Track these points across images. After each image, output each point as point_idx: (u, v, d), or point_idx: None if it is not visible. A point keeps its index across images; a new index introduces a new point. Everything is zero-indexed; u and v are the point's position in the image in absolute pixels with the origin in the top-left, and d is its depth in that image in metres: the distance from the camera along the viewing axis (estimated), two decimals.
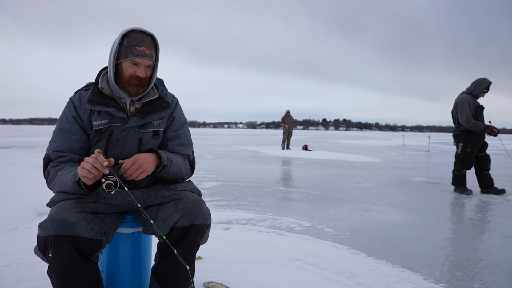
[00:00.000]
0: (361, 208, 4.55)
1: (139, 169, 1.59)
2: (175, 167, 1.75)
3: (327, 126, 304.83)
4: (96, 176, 1.47)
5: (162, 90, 1.90)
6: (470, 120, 5.59)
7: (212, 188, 5.87)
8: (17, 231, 3.31)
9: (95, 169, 1.46)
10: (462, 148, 5.80)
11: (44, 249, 1.47)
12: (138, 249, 1.90)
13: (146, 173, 1.62)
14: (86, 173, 1.45)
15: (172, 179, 1.80)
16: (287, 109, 16.61)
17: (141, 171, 1.59)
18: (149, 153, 1.70)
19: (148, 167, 1.62)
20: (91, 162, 1.46)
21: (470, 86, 5.88)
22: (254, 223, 3.73)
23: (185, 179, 1.89)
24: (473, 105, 5.69)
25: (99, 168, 1.46)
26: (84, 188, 1.55)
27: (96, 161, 1.46)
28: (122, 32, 1.70)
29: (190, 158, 1.93)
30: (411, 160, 12.00)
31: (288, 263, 2.62)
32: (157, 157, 1.69)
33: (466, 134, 5.76)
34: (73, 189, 1.57)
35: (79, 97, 1.78)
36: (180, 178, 1.83)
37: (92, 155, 1.49)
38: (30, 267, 2.44)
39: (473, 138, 5.70)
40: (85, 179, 1.48)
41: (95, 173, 1.46)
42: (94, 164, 1.45)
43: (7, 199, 4.65)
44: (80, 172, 1.47)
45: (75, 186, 1.55)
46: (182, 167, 1.82)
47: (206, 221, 1.68)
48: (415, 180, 7.29)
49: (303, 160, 11.35)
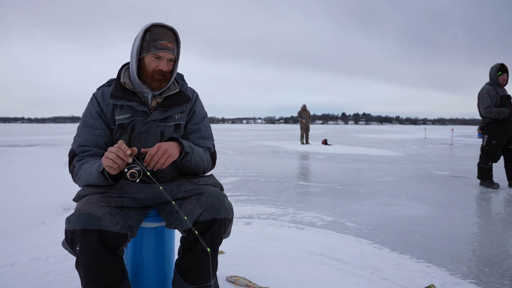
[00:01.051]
0: (383, 202, 4.49)
1: (165, 154, 1.58)
2: (197, 156, 1.76)
3: (346, 120, 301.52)
4: (120, 165, 1.49)
5: (183, 84, 1.92)
6: (490, 110, 5.42)
7: (233, 183, 5.90)
8: (45, 225, 3.41)
9: (119, 159, 1.47)
10: (487, 140, 5.63)
11: (71, 242, 1.51)
12: (161, 243, 1.93)
13: (172, 158, 1.61)
14: (111, 162, 1.47)
15: (194, 169, 1.79)
16: (304, 103, 16.50)
17: (167, 156, 1.59)
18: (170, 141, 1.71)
19: (173, 152, 1.62)
20: (115, 151, 1.47)
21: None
22: (275, 218, 3.73)
23: (206, 171, 1.90)
24: (495, 95, 5.50)
25: (123, 157, 1.47)
26: (108, 178, 1.57)
27: (120, 150, 1.47)
28: (144, 27, 1.72)
29: (211, 150, 1.94)
30: (434, 154, 11.74)
31: (310, 258, 2.61)
32: (179, 144, 1.70)
33: (491, 125, 5.58)
34: (98, 180, 1.59)
35: (102, 93, 1.81)
36: (201, 169, 1.83)
37: (115, 145, 1.51)
38: (58, 260, 2.51)
39: (499, 130, 5.52)
40: (109, 169, 1.50)
41: (119, 162, 1.48)
42: (117, 153, 1.47)
43: (35, 195, 4.80)
44: (104, 162, 1.49)
45: (100, 176, 1.57)
46: (204, 157, 1.83)
47: (229, 215, 1.69)
48: (438, 173, 7.13)
49: (323, 154, 11.27)
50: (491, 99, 5.47)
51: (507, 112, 5.40)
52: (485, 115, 5.53)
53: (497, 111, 5.40)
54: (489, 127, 5.62)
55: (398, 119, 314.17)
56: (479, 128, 6.02)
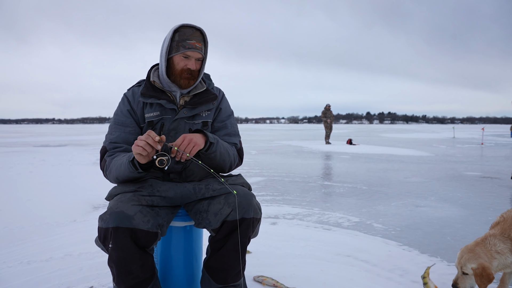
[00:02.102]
0: (411, 204, 4.39)
1: (190, 143, 1.62)
2: (222, 148, 1.78)
3: (371, 120, 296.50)
4: (149, 153, 1.53)
5: (209, 83, 1.96)
6: None
7: (258, 183, 5.91)
8: (76, 223, 3.52)
9: (148, 146, 1.52)
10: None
11: (104, 240, 1.55)
12: (190, 242, 1.95)
13: (198, 147, 1.64)
14: (141, 150, 1.51)
15: (220, 162, 1.80)
16: (328, 103, 16.35)
17: (193, 145, 1.62)
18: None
19: (198, 141, 1.65)
20: (144, 138, 1.52)
21: None
22: (301, 218, 3.71)
23: (233, 166, 1.91)
24: None
25: (152, 143, 1.51)
26: (138, 167, 1.61)
27: (149, 137, 1.52)
28: (173, 28, 1.77)
29: (237, 146, 1.95)
30: (463, 154, 11.38)
31: (337, 259, 2.58)
32: (204, 135, 1.72)
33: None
34: (128, 170, 1.63)
35: (132, 92, 1.88)
36: (228, 163, 1.84)
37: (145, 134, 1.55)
38: (90, 257, 2.58)
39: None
40: (139, 157, 1.54)
41: (148, 149, 1.52)
42: (147, 140, 1.51)
43: (66, 194, 4.96)
44: (134, 149, 1.54)
45: (130, 166, 1.61)
46: (229, 150, 1.84)
47: (257, 215, 1.69)
48: (469, 174, 6.91)
49: (348, 154, 11.13)
50: None
51: None
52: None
53: None
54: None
55: (425, 118, 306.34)
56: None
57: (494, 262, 1.80)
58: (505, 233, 1.86)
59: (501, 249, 1.82)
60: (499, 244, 1.83)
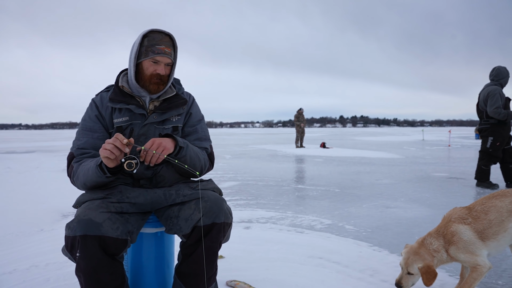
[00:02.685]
0: (381, 205, 4.50)
1: (160, 147, 1.61)
2: (192, 152, 1.77)
3: (344, 123, 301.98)
4: (117, 156, 1.51)
5: (179, 88, 1.96)
6: (500, 111, 5.41)
7: (231, 187, 5.90)
8: (44, 232, 3.41)
9: (116, 149, 1.50)
10: (492, 142, 5.59)
11: (71, 248, 1.51)
12: (161, 249, 1.93)
13: (167, 151, 1.63)
14: (108, 153, 1.49)
15: (190, 166, 1.80)
16: (301, 107, 16.52)
17: (162, 149, 1.62)
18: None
19: (167, 145, 1.64)
20: (112, 141, 1.50)
21: (494, 76, 5.68)
22: (274, 222, 3.73)
23: (204, 170, 1.91)
24: (503, 97, 5.54)
25: (120, 146, 1.49)
26: (106, 172, 1.58)
27: (117, 140, 1.50)
28: (142, 33, 1.77)
29: (208, 151, 1.95)
30: (432, 156, 11.77)
31: (310, 261, 2.61)
32: (173, 140, 1.72)
33: (496, 127, 5.58)
34: (96, 175, 1.60)
35: (101, 98, 1.85)
36: (199, 167, 1.84)
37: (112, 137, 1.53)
38: (58, 267, 2.51)
39: (503, 132, 5.55)
40: (107, 161, 1.51)
41: (116, 152, 1.50)
42: (114, 143, 1.49)
43: (33, 202, 4.79)
44: (101, 153, 1.51)
45: (98, 171, 1.59)
46: (200, 155, 1.84)
47: (228, 220, 1.69)
48: (436, 175, 7.15)
49: (321, 157, 11.29)
50: (501, 100, 5.48)
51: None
52: (494, 115, 5.48)
53: (506, 113, 5.40)
54: (494, 128, 5.60)
55: (396, 121, 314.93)
56: (476, 129, 6.01)
57: (434, 260, 1.91)
58: (439, 231, 1.97)
59: (436, 247, 1.93)
60: (434, 242, 1.94)
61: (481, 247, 1.87)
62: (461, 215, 1.96)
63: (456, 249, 1.88)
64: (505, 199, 1.94)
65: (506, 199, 1.93)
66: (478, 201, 2.01)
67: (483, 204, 1.96)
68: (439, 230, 1.97)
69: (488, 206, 1.93)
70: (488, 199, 1.97)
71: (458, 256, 1.88)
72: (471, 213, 1.94)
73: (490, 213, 1.90)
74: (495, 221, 1.88)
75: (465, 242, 1.87)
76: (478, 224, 1.89)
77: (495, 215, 1.89)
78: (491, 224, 1.88)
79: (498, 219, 1.88)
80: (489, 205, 1.93)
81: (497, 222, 1.88)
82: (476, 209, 1.95)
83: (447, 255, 1.91)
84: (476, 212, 1.93)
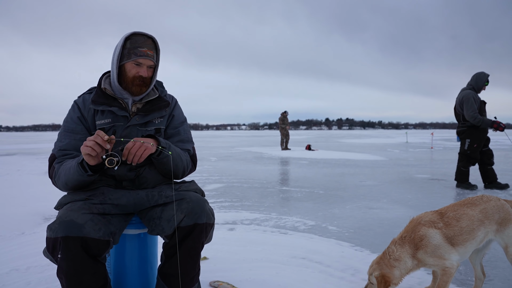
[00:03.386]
0: (364, 206, 4.57)
1: (142, 147, 1.62)
2: (174, 153, 1.79)
3: (330, 126, 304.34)
4: (98, 153, 1.52)
5: (162, 91, 1.98)
6: (476, 116, 5.58)
7: (217, 189, 5.91)
8: (25, 236, 3.36)
9: (97, 146, 1.51)
10: (469, 144, 5.77)
11: (53, 250, 1.51)
12: (144, 250, 1.94)
13: (149, 150, 1.64)
14: (89, 150, 1.50)
15: (172, 166, 1.81)
16: (285, 110, 16.65)
17: (144, 149, 1.63)
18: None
19: (149, 145, 1.65)
20: (93, 138, 1.51)
21: (471, 81, 5.87)
22: (258, 223, 3.76)
23: (187, 171, 1.92)
24: (478, 101, 5.70)
25: (101, 143, 1.51)
26: (87, 170, 1.59)
27: (98, 137, 1.51)
28: (125, 35, 1.78)
29: (190, 152, 1.97)
30: (415, 157, 11.99)
31: (293, 261, 2.65)
32: (156, 140, 1.73)
33: (472, 130, 5.75)
34: (77, 174, 1.61)
35: (83, 99, 1.86)
36: (181, 168, 1.86)
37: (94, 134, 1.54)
38: (39, 270, 2.48)
39: (480, 134, 5.71)
40: (88, 158, 1.52)
41: (97, 149, 1.51)
42: (95, 140, 1.50)
43: (14, 205, 4.70)
44: (83, 150, 1.52)
45: (79, 169, 1.59)
46: (182, 156, 1.86)
47: (210, 220, 1.71)
48: (419, 177, 7.29)
49: (306, 160, 11.37)
50: (476, 104, 5.64)
51: (490, 123, 5.59)
52: (470, 120, 5.65)
53: (481, 119, 5.56)
54: (470, 131, 5.77)
55: (380, 124, 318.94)
56: (457, 131, 6.19)
57: (395, 271, 1.86)
58: (404, 236, 1.94)
59: (398, 255, 1.88)
60: (397, 249, 1.90)
61: (450, 251, 1.87)
62: (432, 219, 1.95)
63: (424, 253, 1.87)
64: (475, 207, 1.97)
65: (476, 208, 1.97)
66: (449, 207, 2.01)
67: (455, 211, 1.97)
68: (404, 235, 1.94)
69: (460, 214, 1.94)
70: (460, 207, 1.99)
71: (426, 260, 1.87)
72: (443, 218, 1.94)
73: (462, 220, 1.92)
74: (466, 229, 1.90)
75: (434, 246, 1.86)
76: (449, 230, 1.89)
77: (466, 223, 1.91)
78: (462, 231, 1.89)
79: (469, 227, 1.91)
80: (461, 212, 1.95)
81: (468, 230, 1.90)
82: (448, 215, 1.95)
83: (413, 261, 1.88)
84: (448, 218, 1.94)
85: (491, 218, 1.95)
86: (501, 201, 2.02)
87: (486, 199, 2.02)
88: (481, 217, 1.94)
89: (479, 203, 2.00)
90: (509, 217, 1.97)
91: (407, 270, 1.89)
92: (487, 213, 1.96)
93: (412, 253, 1.89)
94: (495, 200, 2.01)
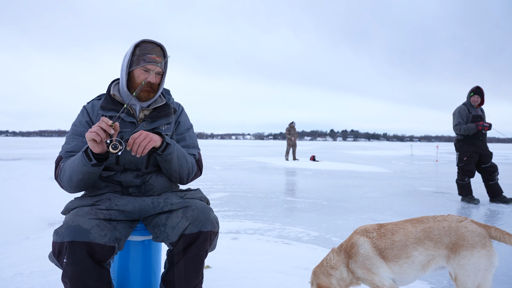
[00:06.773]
0: (368, 218, 4.55)
1: (147, 138, 1.64)
2: (179, 152, 1.81)
3: (334, 137, 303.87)
4: (102, 138, 1.54)
5: (169, 98, 2.02)
6: (460, 127, 5.77)
7: (221, 198, 5.91)
8: (29, 240, 3.38)
9: (101, 131, 1.53)
10: (458, 157, 5.96)
11: (59, 254, 1.52)
12: (148, 257, 1.95)
13: (153, 142, 1.66)
14: (94, 135, 1.52)
15: (177, 167, 1.82)
16: (293, 121, 16.66)
17: (149, 140, 1.64)
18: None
19: (154, 137, 1.67)
20: (97, 124, 1.54)
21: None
22: (262, 233, 3.76)
23: (191, 173, 1.93)
24: (467, 114, 5.79)
25: (105, 127, 1.53)
26: (92, 158, 1.60)
27: (102, 122, 1.54)
28: (135, 43, 1.83)
29: (196, 157, 1.98)
30: (419, 170, 11.93)
31: (296, 272, 2.64)
32: (161, 137, 1.75)
33: (460, 143, 5.93)
34: (82, 163, 1.62)
35: (92, 105, 1.90)
36: (186, 169, 1.87)
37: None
38: (43, 275, 2.49)
39: (468, 147, 5.80)
40: (93, 144, 1.55)
41: (101, 135, 1.53)
42: (100, 125, 1.53)
43: (19, 210, 4.73)
44: (87, 136, 1.54)
45: (84, 158, 1.61)
46: (187, 157, 1.87)
47: (214, 228, 1.72)
48: (423, 190, 7.25)
49: (311, 170, 11.35)
50: (461, 118, 5.80)
51: (474, 127, 5.66)
52: (456, 132, 5.88)
53: (465, 127, 5.71)
54: (459, 144, 5.95)
55: (385, 136, 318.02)
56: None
57: (332, 279, 1.78)
58: (342, 244, 1.86)
59: (334, 263, 1.80)
60: (334, 257, 1.82)
61: (380, 265, 1.71)
62: (368, 229, 1.82)
63: (354, 262, 1.76)
64: (419, 225, 1.75)
65: (420, 226, 1.75)
66: (397, 221, 1.84)
67: (396, 224, 1.80)
68: (342, 244, 1.85)
69: (398, 228, 1.78)
70: (405, 221, 1.82)
71: (356, 271, 1.75)
72: (380, 229, 1.80)
73: (397, 234, 1.74)
74: (398, 244, 1.72)
75: (362, 256, 1.74)
76: (380, 242, 1.74)
77: (400, 237, 1.73)
78: (394, 245, 1.72)
79: (402, 243, 1.72)
80: (400, 227, 1.78)
81: (400, 245, 1.71)
82: (386, 227, 1.81)
83: (348, 272, 1.78)
84: (385, 230, 1.79)
85: (436, 240, 1.68)
86: (464, 223, 1.70)
87: (440, 219, 1.75)
88: (420, 236, 1.71)
89: (427, 222, 1.76)
90: (462, 242, 1.64)
91: (345, 281, 1.78)
92: (431, 233, 1.70)
93: (346, 262, 1.79)
94: (454, 221, 1.72)
